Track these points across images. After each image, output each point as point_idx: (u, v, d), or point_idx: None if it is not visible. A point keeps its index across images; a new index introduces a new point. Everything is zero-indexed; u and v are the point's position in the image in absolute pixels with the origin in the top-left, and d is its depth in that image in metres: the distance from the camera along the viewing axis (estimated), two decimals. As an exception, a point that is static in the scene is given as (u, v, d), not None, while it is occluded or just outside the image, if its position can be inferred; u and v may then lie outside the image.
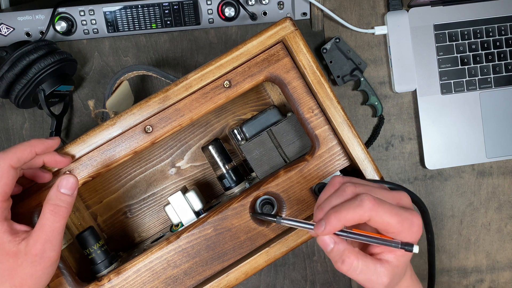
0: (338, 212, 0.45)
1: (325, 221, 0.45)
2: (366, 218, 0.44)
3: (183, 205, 0.62)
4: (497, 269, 0.83)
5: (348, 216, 0.44)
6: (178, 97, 0.55)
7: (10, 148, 0.49)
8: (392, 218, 0.45)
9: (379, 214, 0.44)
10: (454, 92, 0.80)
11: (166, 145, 0.73)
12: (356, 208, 0.44)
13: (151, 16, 0.77)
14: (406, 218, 0.45)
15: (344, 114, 0.56)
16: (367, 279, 0.46)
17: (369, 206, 0.44)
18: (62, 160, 0.54)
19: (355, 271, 0.46)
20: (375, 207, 0.44)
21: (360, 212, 0.44)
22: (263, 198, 0.58)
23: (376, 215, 0.44)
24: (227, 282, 0.57)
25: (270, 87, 0.73)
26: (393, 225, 0.45)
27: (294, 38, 0.55)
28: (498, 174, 0.82)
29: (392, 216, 0.45)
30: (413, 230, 0.45)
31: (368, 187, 0.48)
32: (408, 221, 0.45)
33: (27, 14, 0.75)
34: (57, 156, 0.53)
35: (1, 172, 0.48)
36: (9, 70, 0.67)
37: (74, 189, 0.50)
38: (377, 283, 0.47)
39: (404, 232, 0.45)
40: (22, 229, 0.50)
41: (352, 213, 0.44)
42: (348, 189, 0.47)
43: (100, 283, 0.56)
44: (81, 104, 0.79)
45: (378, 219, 0.44)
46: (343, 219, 0.44)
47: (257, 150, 0.62)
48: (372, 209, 0.44)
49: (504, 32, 0.80)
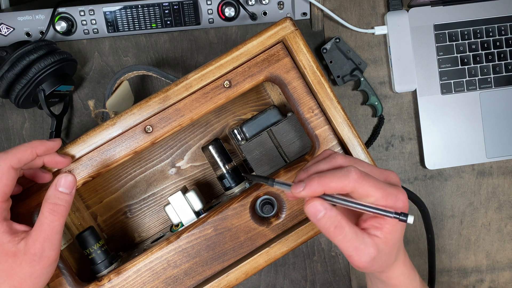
0: (322, 178, 0.44)
1: (306, 183, 0.44)
2: (349, 189, 0.44)
3: (183, 205, 0.62)
4: (497, 269, 0.83)
5: (332, 183, 0.44)
6: (178, 97, 0.55)
7: (11, 149, 0.49)
8: (377, 191, 0.44)
9: (364, 187, 0.44)
10: (454, 92, 0.80)
11: (166, 145, 0.73)
12: (341, 177, 0.44)
13: (151, 16, 0.77)
14: (391, 193, 0.45)
15: (344, 114, 0.56)
16: (355, 247, 0.45)
17: (355, 177, 0.44)
18: (62, 161, 0.54)
19: (345, 238, 0.45)
20: (360, 179, 0.44)
21: (344, 182, 0.44)
22: (263, 198, 0.58)
23: (360, 187, 0.44)
24: (227, 282, 0.57)
25: (270, 87, 0.73)
26: (377, 198, 0.44)
27: (294, 38, 0.55)
28: (498, 174, 0.82)
29: (376, 189, 0.44)
30: (398, 205, 0.45)
31: (357, 160, 0.48)
32: (393, 195, 0.45)
33: (27, 14, 0.75)
34: (57, 156, 0.53)
35: (1, 173, 0.48)
36: (9, 70, 0.67)
37: (72, 187, 0.50)
38: (364, 253, 0.46)
39: (389, 205, 0.45)
40: (21, 229, 0.50)
41: (336, 181, 0.44)
42: (338, 158, 0.47)
43: (100, 283, 0.56)
44: (81, 104, 0.79)
45: (362, 191, 0.44)
46: (326, 185, 0.44)
47: (257, 150, 0.62)
48: (357, 180, 0.44)
49: (504, 32, 0.80)
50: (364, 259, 0.46)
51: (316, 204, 0.45)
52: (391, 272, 0.51)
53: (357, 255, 0.46)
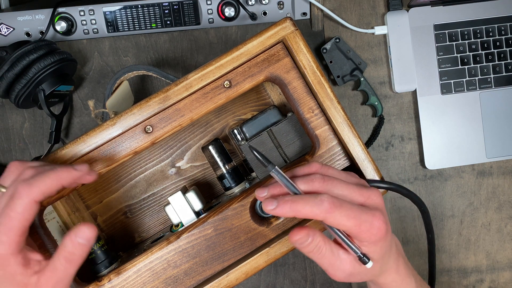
0: (295, 202, 0.45)
1: (278, 203, 0.45)
2: (320, 218, 0.45)
3: (183, 205, 0.62)
4: (497, 269, 0.83)
5: (303, 210, 0.45)
6: (178, 97, 0.55)
7: (35, 178, 0.45)
8: (349, 221, 0.45)
9: (335, 217, 0.45)
10: (454, 92, 0.80)
11: (166, 145, 0.73)
12: (313, 205, 0.45)
13: (151, 16, 0.77)
14: (365, 220, 0.46)
15: (344, 114, 0.56)
16: (331, 263, 0.48)
17: (326, 207, 0.44)
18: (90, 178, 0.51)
19: (321, 255, 0.47)
20: (332, 209, 0.45)
21: (316, 212, 0.45)
22: (263, 198, 0.58)
23: (331, 217, 0.45)
24: (227, 282, 0.57)
25: (270, 87, 0.73)
26: (349, 227, 0.45)
27: (294, 38, 0.55)
28: (498, 174, 0.82)
29: (348, 219, 0.45)
30: (372, 232, 0.46)
31: (336, 182, 0.48)
32: (367, 223, 0.46)
33: (27, 14, 0.75)
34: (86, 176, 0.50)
35: (23, 208, 0.44)
36: (9, 70, 0.67)
37: (91, 240, 0.47)
38: (338, 269, 0.48)
39: (362, 234, 0.46)
40: (36, 258, 0.48)
41: (307, 209, 0.45)
42: (315, 181, 0.48)
43: (100, 283, 0.56)
44: (81, 104, 0.79)
45: (332, 221, 0.45)
46: (297, 211, 0.45)
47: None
48: (328, 211, 0.44)
49: (504, 32, 0.80)
50: (339, 274, 0.49)
51: (302, 234, 0.46)
52: (382, 280, 0.53)
53: (332, 270, 0.49)
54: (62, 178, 0.46)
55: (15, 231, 0.44)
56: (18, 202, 0.44)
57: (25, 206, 0.44)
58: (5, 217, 0.44)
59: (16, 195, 0.44)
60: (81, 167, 0.48)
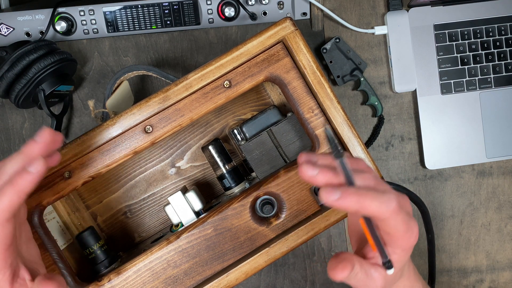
0: (361, 196, 0.40)
1: (342, 194, 0.40)
2: (383, 218, 0.41)
3: (183, 205, 0.62)
4: (497, 269, 0.83)
5: (370, 206, 0.40)
6: (178, 97, 0.55)
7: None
8: (403, 225, 0.43)
9: (396, 219, 0.42)
10: (454, 92, 0.80)
11: (166, 145, 0.73)
12: (381, 203, 0.40)
13: (151, 16, 0.77)
14: (411, 227, 0.44)
15: (344, 114, 0.56)
16: (365, 285, 0.46)
17: (394, 208, 0.41)
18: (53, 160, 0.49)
19: (356, 278, 0.45)
20: (397, 211, 0.41)
21: (382, 210, 0.41)
22: (263, 198, 0.58)
23: (393, 219, 0.42)
24: (227, 282, 0.57)
25: (270, 87, 0.73)
26: (400, 232, 0.43)
27: (294, 38, 0.55)
28: (498, 174, 0.82)
29: (403, 223, 0.42)
30: (411, 240, 0.44)
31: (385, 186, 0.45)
32: (411, 231, 0.44)
33: (27, 14, 0.75)
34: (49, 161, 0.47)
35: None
36: (9, 70, 0.67)
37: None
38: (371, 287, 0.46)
39: (403, 241, 0.44)
40: (25, 277, 0.47)
41: (375, 205, 0.40)
42: (371, 180, 0.43)
43: (100, 283, 0.56)
44: (81, 104, 0.79)
45: (392, 223, 0.42)
46: (363, 206, 0.40)
47: (257, 150, 0.62)
48: (394, 212, 0.41)
49: (504, 32, 0.80)
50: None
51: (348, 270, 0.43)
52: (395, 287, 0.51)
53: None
54: (20, 189, 0.43)
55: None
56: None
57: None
58: None
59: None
60: (34, 165, 0.43)
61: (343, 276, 0.43)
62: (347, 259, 0.44)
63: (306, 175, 0.41)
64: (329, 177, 0.42)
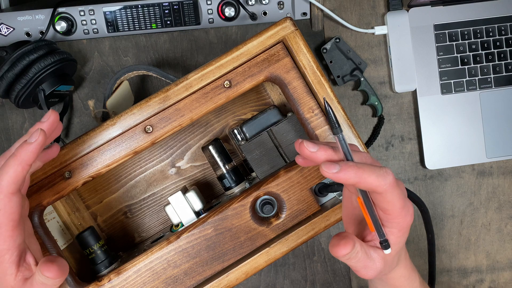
0: (361, 169, 0.41)
1: (342, 167, 0.42)
2: (381, 191, 0.43)
3: (183, 205, 0.62)
4: (497, 269, 0.83)
5: (369, 178, 0.42)
6: (178, 97, 0.55)
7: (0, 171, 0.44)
8: (399, 200, 0.44)
9: (393, 193, 0.43)
10: (454, 92, 0.80)
11: (166, 145, 0.73)
12: (379, 176, 0.42)
13: (151, 16, 0.77)
14: (408, 205, 0.45)
15: (344, 114, 0.56)
16: (364, 265, 0.47)
17: (391, 181, 0.42)
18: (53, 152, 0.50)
19: (356, 258, 0.46)
20: (395, 184, 0.43)
21: (381, 182, 0.42)
22: (263, 198, 0.58)
23: (390, 193, 0.43)
24: (227, 282, 0.57)
25: (270, 87, 0.73)
26: (397, 207, 0.44)
27: (294, 38, 0.55)
28: (498, 174, 0.82)
29: (400, 198, 0.44)
30: (407, 219, 0.46)
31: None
32: (407, 208, 0.45)
33: (27, 14, 0.75)
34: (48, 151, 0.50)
35: (3, 204, 0.44)
36: (9, 70, 0.67)
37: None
38: (371, 269, 0.47)
39: (399, 219, 0.45)
40: (30, 262, 0.48)
41: (373, 178, 0.42)
42: (368, 159, 0.45)
43: (100, 283, 0.56)
44: (81, 104, 0.79)
45: (389, 196, 0.43)
46: (362, 178, 0.42)
47: (257, 150, 0.62)
48: (391, 185, 0.42)
49: (504, 32, 0.80)
50: (371, 273, 0.47)
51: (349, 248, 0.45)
52: (392, 275, 0.52)
53: (365, 271, 0.47)
54: (23, 159, 0.44)
55: (5, 227, 0.44)
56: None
57: (3, 201, 0.44)
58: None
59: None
60: (33, 136, 0.45)
61: (345, 252, 0.45)
62: (349, 237, 0.45)
63: (306, 151, 0.43)
64: (329, 153, 0.43)
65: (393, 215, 0.45)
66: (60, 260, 0.48)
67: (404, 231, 0.47)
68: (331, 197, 0.60)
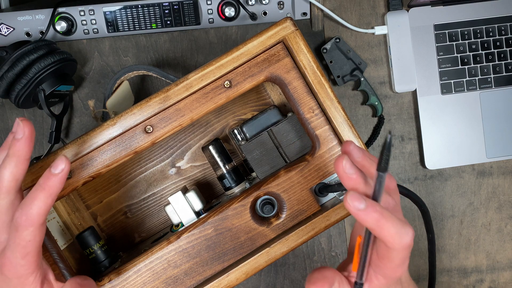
0: (385, 217, 0.40)
1: (367, 206, 0.39)
2: (390, 247, 0.41)
3: (183, 205, 0.62)
4: (497, 269, 0.83)
5: (387, 230, 0.40)
6: (179, 97, 0.55)
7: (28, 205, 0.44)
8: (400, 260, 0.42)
9: (400, 254, 0.42)
10: (454, 92, 0.80)
11: (166, 145, 0.73)
12: (398, 232, 0.40)
13: (151, 16, 0.77)
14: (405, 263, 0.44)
15: (344, 114, 0.56)
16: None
17: (407, 242, 0.41)
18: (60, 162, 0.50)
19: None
20: (408, 248, 0.41)
21: (395, 239, 0.40)
22: (263, 198, 0.58)
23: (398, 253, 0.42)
24: (227, 282, 0.57)
25: (270, 87, 0.73)
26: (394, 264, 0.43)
27: (294, 38, 0.55)
28: (498, 174, 0.82)
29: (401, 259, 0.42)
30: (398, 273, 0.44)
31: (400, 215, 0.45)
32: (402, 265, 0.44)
33: (27, 14, 0.75)
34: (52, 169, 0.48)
35: (32, 236, 0.44)
36: (9, 70, 0.67)
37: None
38: None
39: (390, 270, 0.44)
40: (50, 279, 0.49)
41: (392, 231, 0.40)
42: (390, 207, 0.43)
43: (101, 283, 0.56)
44: (81, 104, 0.79)
45: (394, 255, 0.42)
46: (380, 225, 0.40)
47: (257, 150, 0.62)
48: (406, 246, 0.41)
49: (504, 32, 0.80)
50: None
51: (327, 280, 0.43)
52: None
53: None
54: (53, 192, 0.45)
55: (32, 254, 0.45)
56: (25, 233, 0.44)
57: (33, 233, 0.45)
58: (18, 246, 0.44)
59: (20, 228, 0.44)
60: (59, 166, 0.45)
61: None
62: (327, 278, 0.44)
63: (341, 168, 0.41)
64: (359, 183, 0.41)
65: (386, 267, 0.44)
66: (89, 282, 0.50)
67: (390, 282, 0.45)
68: (331, 197, 0.60)
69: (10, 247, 0.45)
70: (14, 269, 0.45)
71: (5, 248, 0.46)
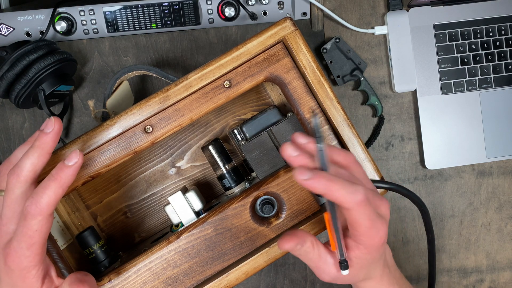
0: (331, 181, 0.42)
1: (313, 176, 0.42)
2: (346, 207, 0.43)
3: (183, 205, 0.62)
4: (497, 269, 0.83)
5: (337, 192, 0.43)
6: (178, 97, 0.55)
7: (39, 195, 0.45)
8: (366, 221, 0.45)
9: (359, 212, 0.44)
10: (454, 92, 0.80)
11: (166, 145, 0.73)
12: (348, 192, 0.43)
13: (151, 16, 0.77)
14: (376, 226, 0.45)
15: (344, 114, 0.56)
16: (317, 266, 0.49)
17: (359, 200, 0.43)
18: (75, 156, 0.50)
19: (308, 257, 0.49)
20: (362, 204, 0.43)
21: (347, 199, 0.43)
22: (263, 198, 0.58)
23: (356, 211, 0.44)
24: (227, 282, 0.57)
25: (270, 87, 0.73)
26: (363, 227, 0.45)
27: (294, 38, 0.55)
28: (498, 174, 0.82)
29: (367, 219, 0.45)
30: (375, 239, 0.46)
31: (367, 179, 0.49)
32: (375, 229, 0.46)
33: (27, 14, 0.75)
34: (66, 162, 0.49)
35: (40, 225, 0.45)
36: (9, 70, 0.67)
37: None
38: (324, 272, 0.49)
39: (366, 238, 0.46)
40: (52, 274, 0.50)
41: (342, 193, 0.43)
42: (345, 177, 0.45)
43: (100, 283, 0.56)
44: (81, 104, 0.79)
45: (355, 214, 0.44)
46: (330, 191, 0.43)
47: (257, 150, 0.62)
48: (358, 204, 0.43)
49: (504, 32, 0.80)
50: (325, 277, 0.50)
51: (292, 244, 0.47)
52: (363, 285, 0.53)
53: (318, 272, 0.50)
54: (64, 182, 0.46)
55: (37, 245, 0.46)
56: (33, 222, 0.45)
57: (41, 223, 0.45)
58: (24, 236, 0.45)
59: (28, 216, 0.45)
60: (73, 159, 0.46)
61: (287, 247, 0.48)
62: (298, 235, 0.48)
63: (285, 153, 0.45)
64: (306, 161, 0.45)
65: (359, 232, 0.46)
66: (89, 278, 0.50)
67: (371, 250, 0.47)
68: (331, 197, 0.60)
69: (17, 237, 0.45)
70: (18, 260, 0.46)
71: (12, 239, 0.46)
